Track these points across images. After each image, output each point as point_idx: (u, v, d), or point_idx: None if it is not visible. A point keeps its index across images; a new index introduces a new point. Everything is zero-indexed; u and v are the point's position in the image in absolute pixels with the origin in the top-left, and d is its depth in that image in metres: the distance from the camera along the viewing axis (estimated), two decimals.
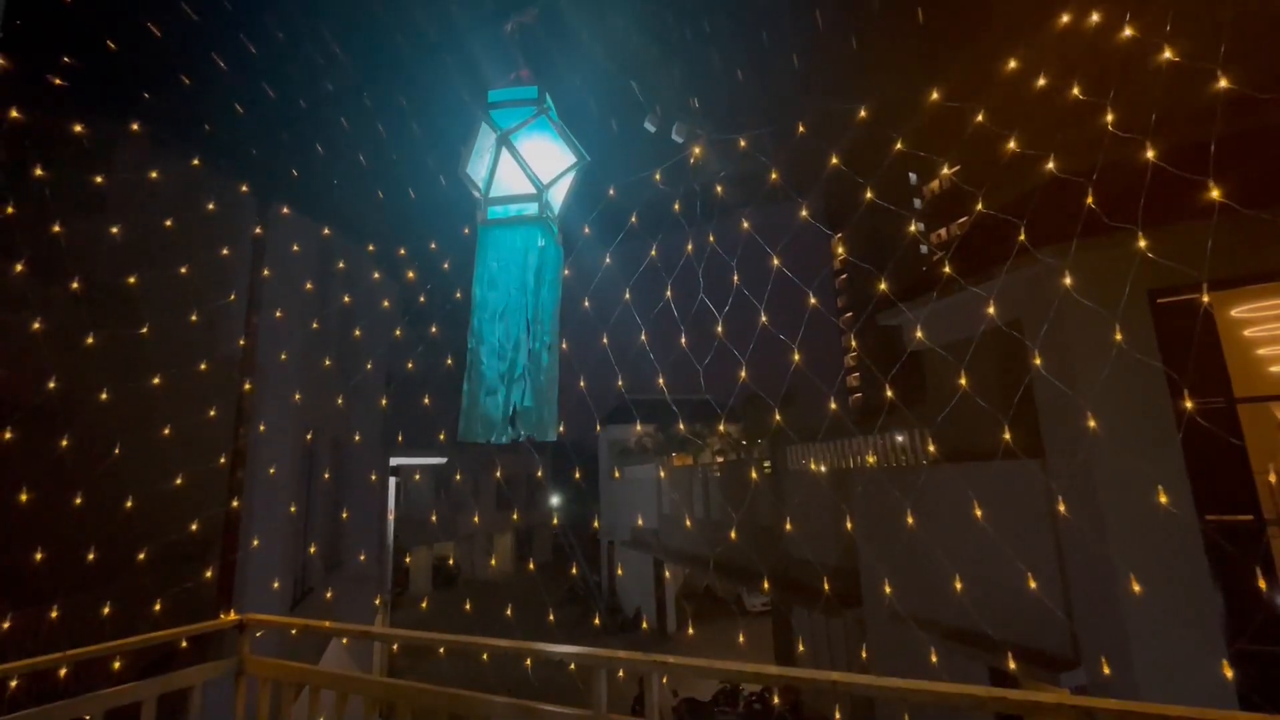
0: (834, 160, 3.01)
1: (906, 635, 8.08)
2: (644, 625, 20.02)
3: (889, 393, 2.81)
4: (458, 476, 28.67)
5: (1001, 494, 7.02)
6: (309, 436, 5.88)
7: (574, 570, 26.32)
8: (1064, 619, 6.39)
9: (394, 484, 15.43)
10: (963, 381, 2.65)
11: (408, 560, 27.63)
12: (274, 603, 5.54)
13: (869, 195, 2.89)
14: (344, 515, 8.21)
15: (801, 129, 3.09)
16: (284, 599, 5.98)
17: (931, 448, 8.99)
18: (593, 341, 3.82)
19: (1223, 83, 1.79)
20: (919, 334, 4.43)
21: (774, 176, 3.10)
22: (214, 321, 4.14)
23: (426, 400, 3.71)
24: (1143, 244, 2.18)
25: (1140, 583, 5.78)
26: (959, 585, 7.28)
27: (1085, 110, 2.73)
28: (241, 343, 3.74)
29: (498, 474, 30.92)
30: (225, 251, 3.86)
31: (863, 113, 2.92)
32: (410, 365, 4.05)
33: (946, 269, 3.62)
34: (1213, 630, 5.55)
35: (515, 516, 34.25)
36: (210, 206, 3.81)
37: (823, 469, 12.15)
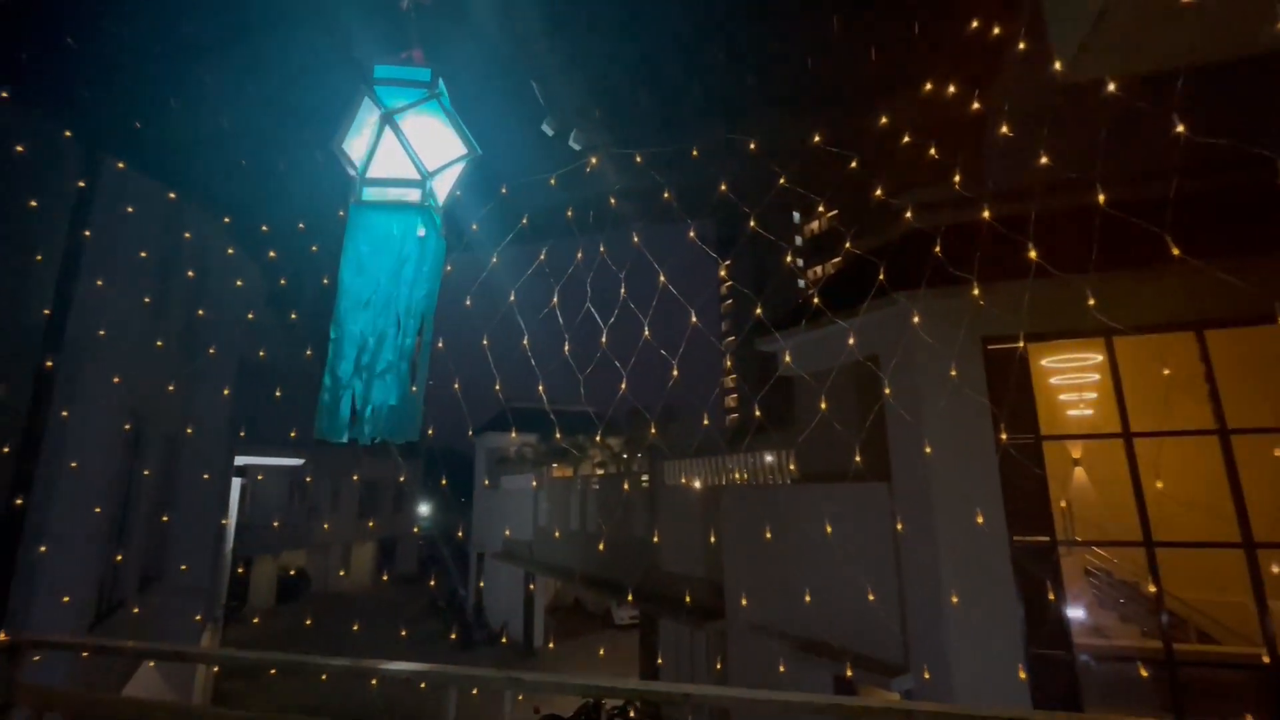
0: (722, 187, 3.13)
1: (764, 646, 8.49)
2: (503, 640, 19.40)
3: (757, 413, 2.95)
4: (308, 479, 26.28)
5: (853, 513, 7.62)
6: (127, 426, 5.08)
7: (432, 583, 25.07)
8: (896, 628, 7.03)
9: (238, 485, 13.86)
10: (823, 405, 2.84)
11: (239, 570, 24.82)
12: (67, 619, 4.70)
13: (752, 224, 3.04)
14: (164, 519, 7.18)
15: (695, 154, 3.18)
16: (81, 615, 5.10)
17: (793, 466, 9.57)
18: (474, 343, 3.68)
19: (1043, 160, 2.08)
20: (787, 359, 4.72)
21: (666, 195, 3.18)
22: (11, 284, 3.48)
23: (278, 393, 3.35)
24: (975, 293, 2.46)
25: (961, 595, 6.50)
26: (809, 598, 7.79)
27: (940, 170, 3.06)
28: (46, 312, 3.17)
29: (354, 478, 28.73)
30: (33, 204, 3.26)
31: (752, 145, 3.08)
32: (262, 354, 3.64)
33: (815, 301, 3.89)
34: (1015, 637, 6.35)
35: (374, 525, 32.04)
36: (18, 149, 3.21)
37: (696, 484, 12.54)
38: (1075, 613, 6.93)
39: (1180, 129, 1.73)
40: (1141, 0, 1.88)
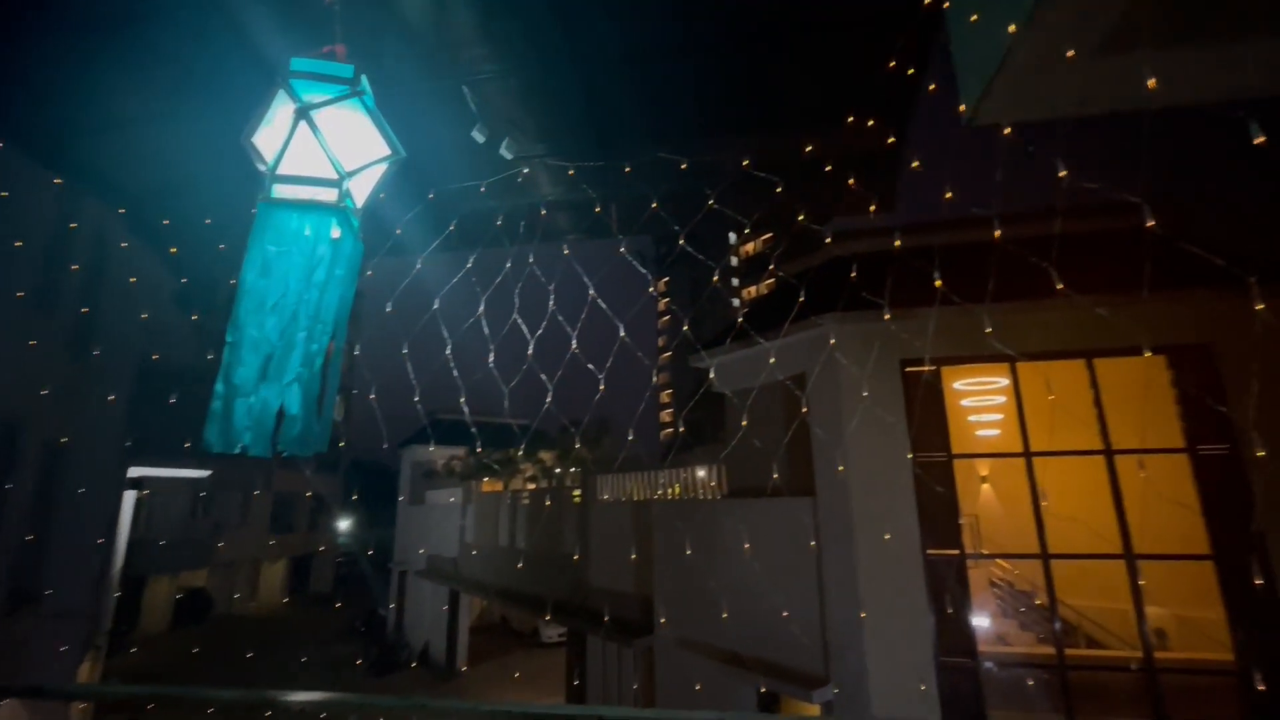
0: (654, 205, 3.17)
1: (691, 661, 8.51)
2: (413, 665, 18.53)
3: (682, 429, 2.97)
4: (203, 493, 24.39)
5: (779, 527, 7.79)
6: None
7: (338, 605, 23.83)
8: (818, 640, 7.21)
9: (132, 499, 12.71)
10: (744, 423, 2.89)
11: (117, 594, 22.57)
12: None
13: (681, 243, 3.09)
14: (39, 536, 6.46)
15: (628, 170, 3.21)
16: None
17: (714, 483, 9.69)
18: (401, 352, 3.54)
19: (948, 195, 2.22)
20: (711, 376, 4.82)
21: (597, 210, 3.18)
22: None
23: (173, 400, 3.10)
24: (888, 318, 2.58)
25: (877, 607, 6.75)
26: (736, 612, 7.89)
27: (863, 200, 3.22)
28: None
29: (257, 493, 26.93)
30: None
31: (684, 165, 3.13)
32: (155, 357, 3.36)
33: (739, 320, 3.99)
34: (927, 647, 6.65)
35: (287, 541, 30.14)
36: None
37: (628, 499, 12.51)
38: (980, 622, 7.33)
39: (1063, 174, 1.89)
40: (1034, 55, 2.06)
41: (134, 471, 11.41)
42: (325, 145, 2.10)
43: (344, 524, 34.42)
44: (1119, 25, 1.83)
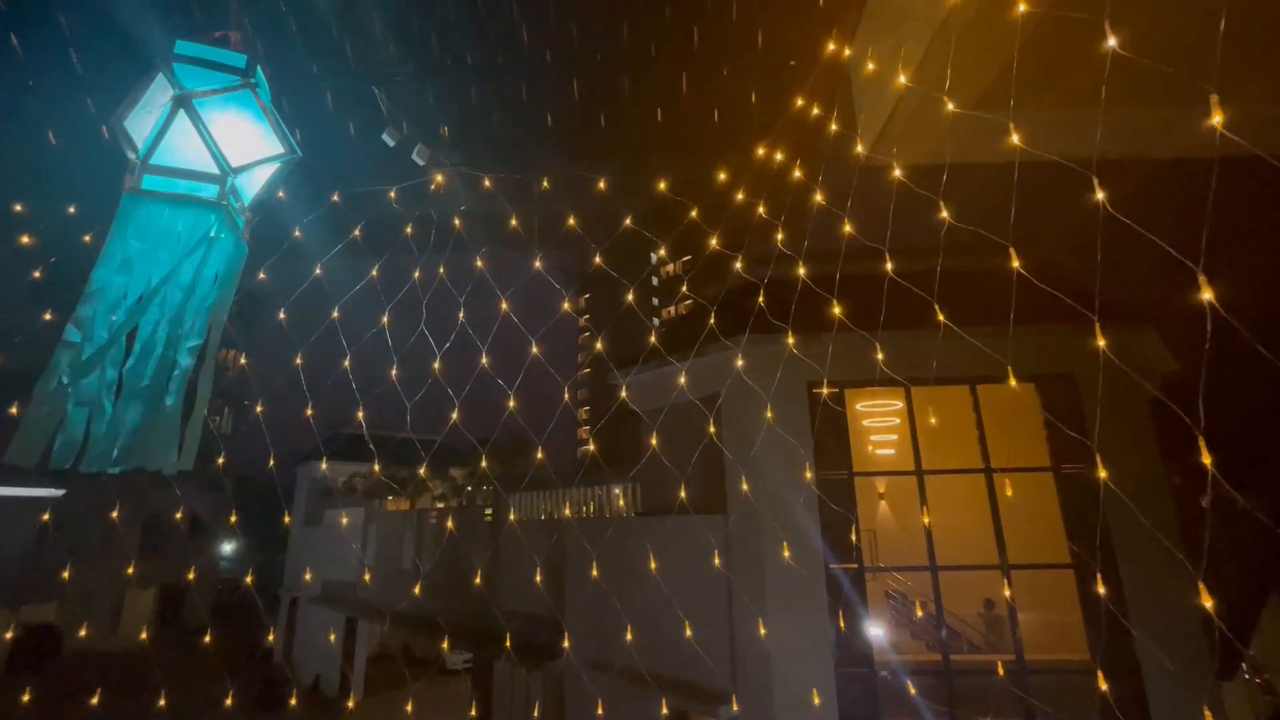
0: (571, 221, 3.16)
1: (600, 683, 8.38)
2: (294, 700, 17.09)
3: (591, 447, 2.95)
4: (46, 516, 21.45)
5: (690, 544, 7.87)
6: None
7: (207, 637, 21.69)
8: (726, 656, 7.31)
9: None
10: (654, 442, 2.91)
11: None
12: None
13: (597, 260, 3.09)
14: None
15: (546, 185, 3.19)
16: None
17: (622, 502, 9.70)
18: (310, 363, 3.29)
19: (847, 228, 2.36)
20: (623, 395, 4.84)
21: (513, 223, 3.13)
22: None
23: (14, 410, 2.72)
24: (790, 341, 2.70)
25: (782, 621, 6.94)
26: (646, 631, 7.87)
27: (774, 228, 3.35)
28: None
29: (115, 513, 24.11)
30: None
31: (601, 184, 3.15)
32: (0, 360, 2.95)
33: (652, 340, 4.04)
34: (827, 658, 6.89)
35: (157, 567, 27.15)
36: None
37: (541, 518, 12.26)
38: (877, 632, 7.70)
39: (945, 215, 2.06)
40: (920, 106, 2.24)
41: None
42: (208, 138, 1.94)
43: (227, 547, 31.52)
44: (990, 86, 2.04)
